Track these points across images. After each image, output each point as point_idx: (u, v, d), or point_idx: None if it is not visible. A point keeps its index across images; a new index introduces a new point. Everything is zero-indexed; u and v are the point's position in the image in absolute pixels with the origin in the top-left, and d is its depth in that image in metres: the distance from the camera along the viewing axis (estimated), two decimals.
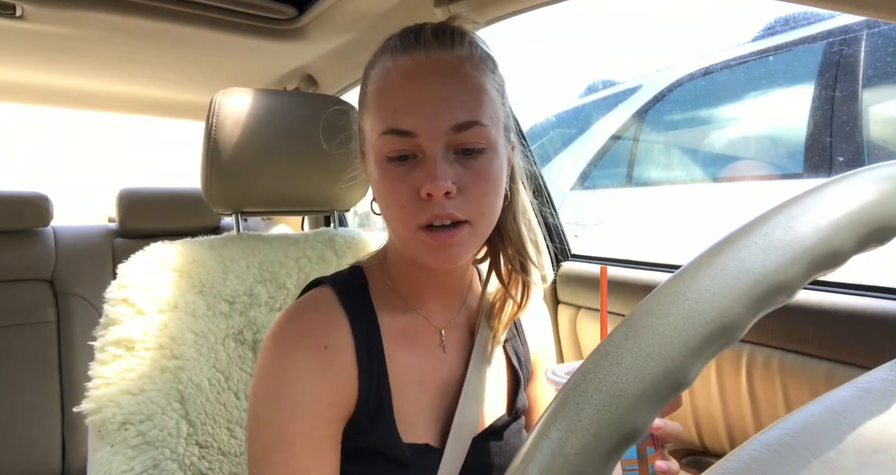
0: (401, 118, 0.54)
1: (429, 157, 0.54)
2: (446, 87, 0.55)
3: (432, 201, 0.53)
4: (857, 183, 0.25)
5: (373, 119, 0.57)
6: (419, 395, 0.62)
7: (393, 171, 0.55)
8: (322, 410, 0.56)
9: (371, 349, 0.60)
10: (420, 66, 0.55)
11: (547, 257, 1.33)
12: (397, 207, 0.55)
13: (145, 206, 1.84)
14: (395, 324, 0.63)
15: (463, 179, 0.54)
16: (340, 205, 1.00)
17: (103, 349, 0.73)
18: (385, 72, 0.57)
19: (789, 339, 0.83)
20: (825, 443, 0.21)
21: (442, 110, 0.53)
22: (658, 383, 0.21)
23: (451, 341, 0.66)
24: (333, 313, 0.61)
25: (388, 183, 0.56)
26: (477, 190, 0.55)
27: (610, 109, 2.58)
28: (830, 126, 1.63)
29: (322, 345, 0.58)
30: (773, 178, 1.89)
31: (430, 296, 0.66)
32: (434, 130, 0.53)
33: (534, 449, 0.21)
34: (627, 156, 2.50)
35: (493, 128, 0.56)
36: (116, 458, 0.67)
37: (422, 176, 0.53)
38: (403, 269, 0.65)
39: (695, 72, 2.22)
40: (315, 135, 0.85)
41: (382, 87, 0.57)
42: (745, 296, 0.22)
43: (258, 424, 0.56)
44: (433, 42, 0.57)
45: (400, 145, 0.54)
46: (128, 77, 1.52)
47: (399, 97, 0.55)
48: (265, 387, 0.57)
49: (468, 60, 0.56)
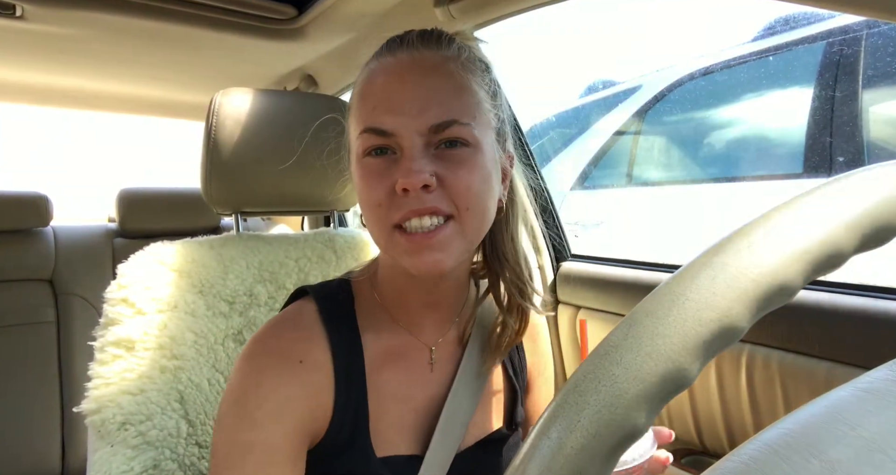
0: (379, 117, 0.53)
1: (406, 152, 0.52)
2: (426, 82, 0.53)
3: (409, 197, 0.51)
4: (857, 183, 0.25)
5: (354, 120, 0.57)
6: (403, 413, 0.60)
7: (370, 165, 0.54)
8: (289, 424, 0.53)
9: (351, 370, 0.57)
10: (402, 63, 0.55)
11: (547, 258, 1.33)
12: (373, 206, 0.53)
13: (145, 206, 1.84)
14: (381, 342, 0.61)
15: (443, 171, 0.52)
16: (340, 205, 1.00)
17: (103, 349, 0.73)
18: (368, 73, 0.56)
19: (789, 339, 0.83)
20: (825, 443, 0.21)
21: (420, 109, 0.52)
22: (658, 383, 0.21)
23: (441, 357, 0.64)
24: (313, 330, 0.58)
25: (365, 180, 0.54)
26: (459, 181, 0.52)
27: (610, 109, 2.58)
28: (830, 126, 1.63)
29: (297, 360, 0.55)
30: (773, 179, 1.89)
31: (420, 312, 0.63)
32: (411, 130, 0.52)
33: (534, 448, 0.21)
34: (627, 156, 2.50)
35: (477, 128, 0.54)
36: (116, 458, 0.67)
37: (399, 171, 0.51)
38: (393, 283, 0.62)
39: (695, 72, 2.22)
40: (315, 135, 0.85)
41: (364, 87, 0.56)
42: (745, 296, 0.22)
43: (222, 432, 0.53)
44: (418, 42, 0.56)
45: (376, 142, 0.53)
46: (128, 77, 1.52)
47: (379, 95, 0.54)
48: (235, 396, 0.54)
49: (453, 60, 0.55)
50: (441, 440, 0.59)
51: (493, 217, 0.57)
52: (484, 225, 0.56)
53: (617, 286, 1.13)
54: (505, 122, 0.61)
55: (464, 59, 0.56)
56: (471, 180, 0.53)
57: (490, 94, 0.58)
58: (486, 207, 0.55)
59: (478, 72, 0.57)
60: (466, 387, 0.63)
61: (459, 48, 0.57)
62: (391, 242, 0.53)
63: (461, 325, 0.66)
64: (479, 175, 0.53)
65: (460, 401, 0.61)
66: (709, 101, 2.21)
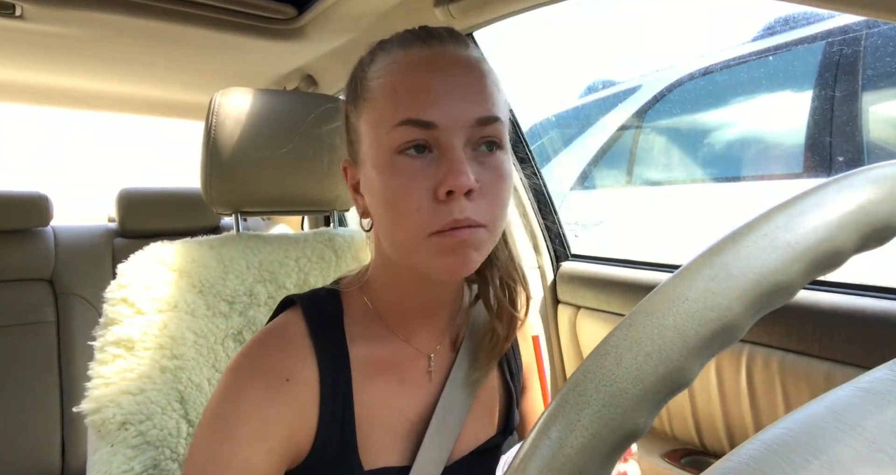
0: (421, 107, 0.48)
1: (448, 150, 0.48)
2: (468, 78, 0.51)
3: (451, 203, 0.47)
4: (857, 182, 0.25)
5: (380, 113, 0.51)
6: (397, 424, 0.58)
7: (406, 166, 0.49)
8: (270, 443, 0.51)
9: (337, 384, 0.55)
10: (439, 56, 0.51)
11: (547, 258, 1.33)
12: (409, 211, 0.48)
13: (145, 205, 1.85)
14: (372, 352, 0.59)
15: (483, 178, 0.49)
16: (340, 205, 1.00)
17: (103, 349, 0.73)
18: (395, 63, 0.52)
19: (789, 339, 0.83)
20: (825, 443, 0.21)
21: (467, 102, 0.49)
22: (658, 383, 0.21)
23: (438, 366, 0.62)
24: (300, 344, 0.56)
25: (400, 181, 0.49)
26: (496, 190, 0.50)
27: (610, 109, 2.58)
28: (830, 126, 1.63)
29: (284, 377, 0.53)
30: (773, 178, 1.89)
31: (417, 319, 0.61)
32: (457, 122, 0.48)
33: (533, 449, 0.21)
34: (627, 156, 2.50)
35: (505, 130, 0.53)
36: (116, 458, 0.67)
37: (442, 170, 0.47)
38: (391, 289, 0.59)
39: (695, 72, 2.22)
40: (315, 135, 0.85)
41: (395, 77, 0.51)
42: (744, 296, 0.22)
43: (201, 444, 0.51)
44: (449, 37, 0.53)
45: (417, 135, 0.48)
46: (128, 77, 1.52)
47: (418, 85, 0.49)
48: (218, 410, 0.52)
49: (483, 61, 0.54)
50: (430, 449, 0.57)
51: None
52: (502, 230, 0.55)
53: (617, 286, 1.13)
54: None
55: (487, 63, 0.55)
56: (503, 188, 0.51)
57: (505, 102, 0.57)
58: (506, 212, 0.54)
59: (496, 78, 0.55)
60: (456, 394, 0.61)
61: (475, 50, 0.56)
62: (426, 247, 0.49)
63: (455, 332, 0.65)
64: (509, 181, 0.52)
65: (450, 409, 0.60)
66: (709, 101, 2.21)
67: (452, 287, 0.61)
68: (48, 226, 1.75)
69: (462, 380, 0.62)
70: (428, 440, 0.58)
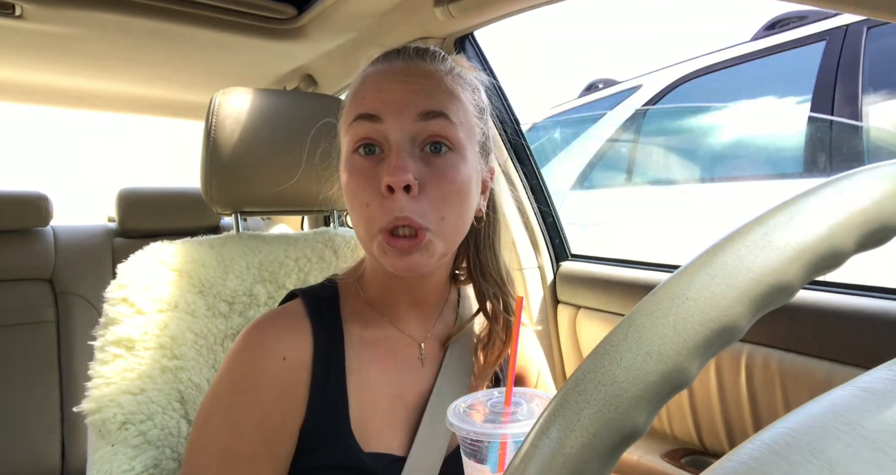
0: (370, 104, 0.54)
1: (394, 148, 0.53)
2: (418, 81, 0.55)
3: (394, 200, 0.51)
4: (857, 182, 0.25)
5: (345, 118, 0.58)
6: (395, 409, 0.60)
7: (359, 165, 0.54)
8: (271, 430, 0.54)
9: (331, 361, 0.58)
10: (395, 68, 0.57)
11: (547, 258, 1.33)
12: (361, 207, 0.54)
13: (145, 205, 1.84)
14: (368, 336, 0.62)
15: (425, 178, 0.53)
16: (340, 204, 1.00)
17: (103, 349, 0.73)
18: (362, 77, 0.59)
19: (789, 339, 0.83)
20: (825, 442, 0.21)
21: (413, 96, 0.54)
22: (658, 383, 0.21)
23: (430, 355, 0.65)
24: (298, 322, 0.60)
25: (354, 179, 0.55)
26: (438, 192, 0.53)
27: (610, 109, 2.58)
28: (830, 126, 1.63)
29: (281, 356, 0.56)
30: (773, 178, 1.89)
31: (404, 308, 0.64)
32: (401, 115, 0.53)
33: (533, 448, 0.21)
34: (627, 156, 2.50)
35: (462, 131, 0.56)
36: (117, 458, 0.67)
37: (385, 169, 0.52)
38: (378, 280, 0.64)
39: (694, 72, 2.22)
40: (315, 134, 0.85)
41: (357, 88, 0.58)
42: (744, 296, 0.22)
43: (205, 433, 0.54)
44: (413, 55, 0.58)
45: (366, 131, 0.54)
46: (128, 77, 1.52)
47: (370, 89, 0.56)
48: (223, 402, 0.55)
49: (444, 72, 0.57)
50: (427, 436, 0.59)
51: (468, 225, 0.59)
52: (459, 232, 0.58)
53: (616, 286, 1.13)
54: (489, 139, 0.63)
55: (454, 73, 0.59)
56: (449, 191, 0.54)
57: (477, 109, 0.60)
58: (462, 219, 0.57)
59: (467, 87, 0.59)
60: (450, 385, 0.63)
61: (451, 66, 0.59)
62: (376, 244, 0.54)
63: (444, 325, 0.68)
64: (458, 185, 0.55)
65: (444, 398, 0.62)
66: (708, 101, 2.21)
67: (431, 281, 0.64)
68: (48, 225, 1.75)
69: (454, 373, 0.64)
70: (424, 427, 0.60)
